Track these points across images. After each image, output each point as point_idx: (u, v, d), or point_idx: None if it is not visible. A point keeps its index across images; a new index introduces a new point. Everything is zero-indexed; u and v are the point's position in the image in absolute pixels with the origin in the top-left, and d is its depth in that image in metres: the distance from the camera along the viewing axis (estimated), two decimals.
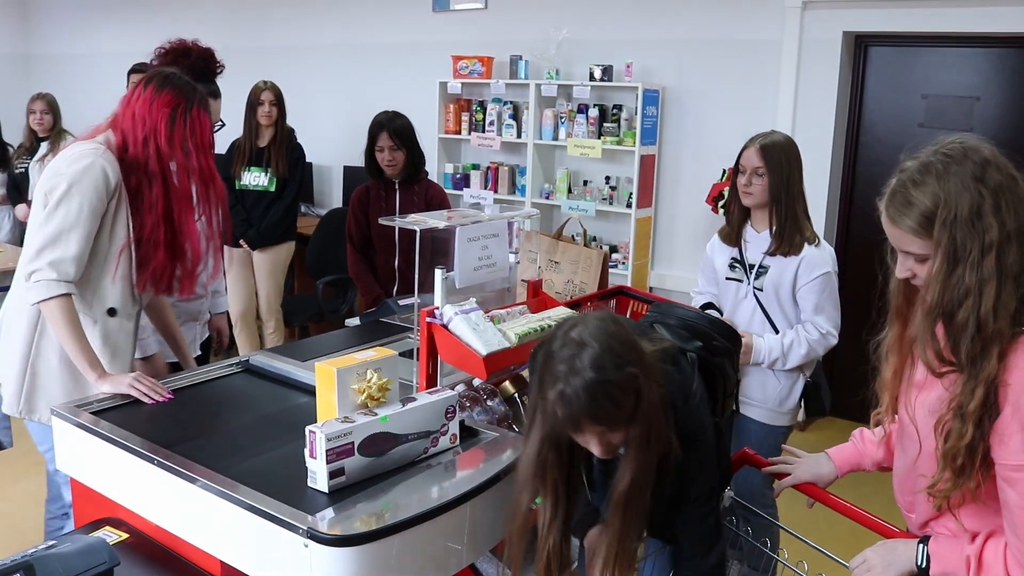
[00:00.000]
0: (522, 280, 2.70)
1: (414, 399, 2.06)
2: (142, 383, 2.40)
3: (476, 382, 2.42)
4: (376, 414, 1.98)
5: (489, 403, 2.37)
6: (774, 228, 2.90)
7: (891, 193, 1.58)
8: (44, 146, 5.97)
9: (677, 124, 5.32)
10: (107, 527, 2.14)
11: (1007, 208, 1.47)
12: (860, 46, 4.90)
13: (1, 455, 2.69)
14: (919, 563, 1.62)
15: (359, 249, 3.99)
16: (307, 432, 1.89)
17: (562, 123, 5.54)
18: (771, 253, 2.91)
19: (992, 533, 1.56)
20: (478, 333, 2.23)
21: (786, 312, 2.95)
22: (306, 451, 1.91)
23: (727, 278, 3.04)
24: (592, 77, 5.38)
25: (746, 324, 2.99)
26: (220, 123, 3.13)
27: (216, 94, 3.14)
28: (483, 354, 2.19)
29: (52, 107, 6.01)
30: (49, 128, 6.00)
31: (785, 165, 2.86)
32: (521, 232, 3.12)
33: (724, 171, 5.11)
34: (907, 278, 1.61)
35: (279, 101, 5.07)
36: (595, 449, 1.70)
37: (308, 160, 6.20)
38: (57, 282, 2.38)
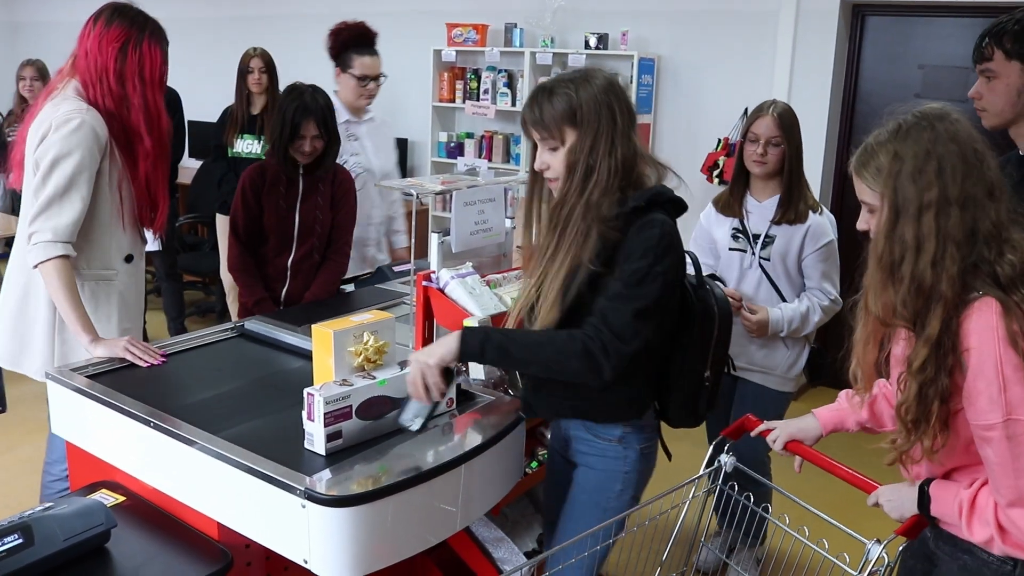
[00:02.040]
0: (517, 246, 2.69)
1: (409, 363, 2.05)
2: (135, 346, 2.40)
3: None
4: (374, 377, 1.98)
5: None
6: (782, 196, 2.88)
7: (861, 146, 1.67)
8: None
9: (672, 93, 5.30)
10: (103, 490, 2.15)
11: (952, 175, 1.53)
12: (857, 15, 4.87)
13: None
14: (920, 503, 1.68)
15: (245, 242, 3.29)
16: (305, 394, 1.89)
17: None
18: (777, 222, 2.89)
19: (987, 481, 1.59)
20: (474, 297, 2.22)
21: (792, 280, 2.95)
22: (303, 413, 1.91)
23: (730, 249, 3.00)
24: (587, 45, 5.34)
25: (752, 294, 2.98)
26: (383, 76, 3.72)
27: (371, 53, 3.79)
28: (480, 318, 2.19)
29: (42, 73, 5.95)
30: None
31: (797, 133, 2.86)
32: (516, 199, 3.11)
33: (719, 140, 5.10)
34: (866, 231, 1.67)
35: (269, 68, 5.02)
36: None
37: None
38: (54, 243, 2.38)
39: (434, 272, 2.30)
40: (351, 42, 3.78)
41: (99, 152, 2.46)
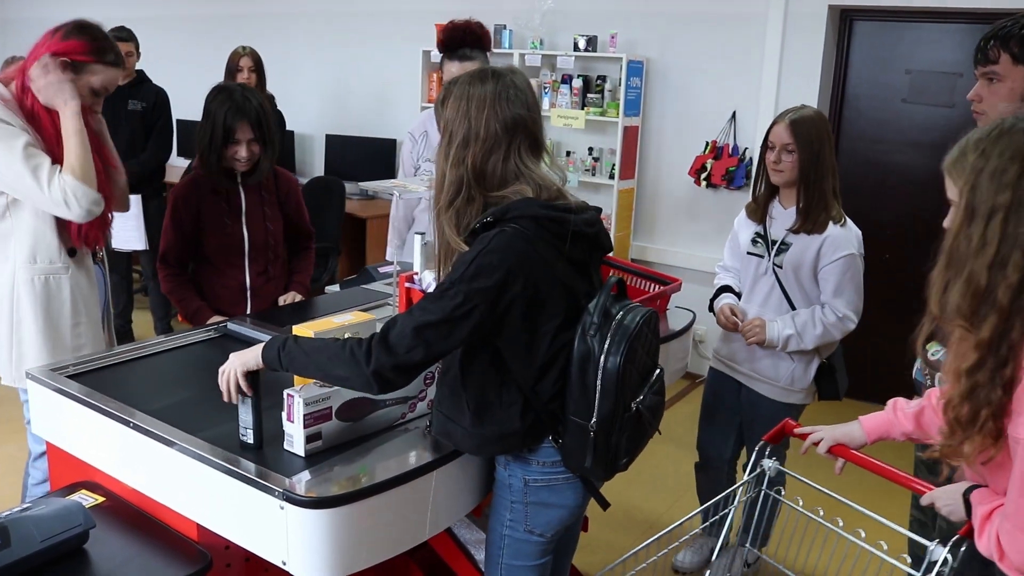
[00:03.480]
0: None
1: None
2: None
3: None
4: None
5: None
6: (800, 205, 2.82)
7: (958, 143, 1.63)
8: None
9: (661, 96, 5.31)
10: (83, 490, 2.14)
11: None
12: (845, 20, 4.89)
13: None
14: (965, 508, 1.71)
15: (176, 266, 3.01)
16: (285, 396, 1.89)
17: (546, 93, 5.51)
18: (795, 231, 2.84)
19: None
20: None
21: (806, 291, 2.89)
22: (283, 414, 1.90)
23: (748, 252, 2.99)
24: (576, 47, 5.34)
25: (763, 300, 2.96)
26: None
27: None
28: None
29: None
30: None
31: (816, 141, 2.77)
32: None
33: (707, 143, 5.11)
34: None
35: (258, 67, 5.01)
36: None
37: (289, 128, 6.16)
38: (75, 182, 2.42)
39: (417, 273, 2.30)
40: (445, 44, 3.50)
41: (19, 126, 2.44)
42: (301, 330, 2.00)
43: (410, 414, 2.11)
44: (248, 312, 3.00)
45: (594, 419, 1.84)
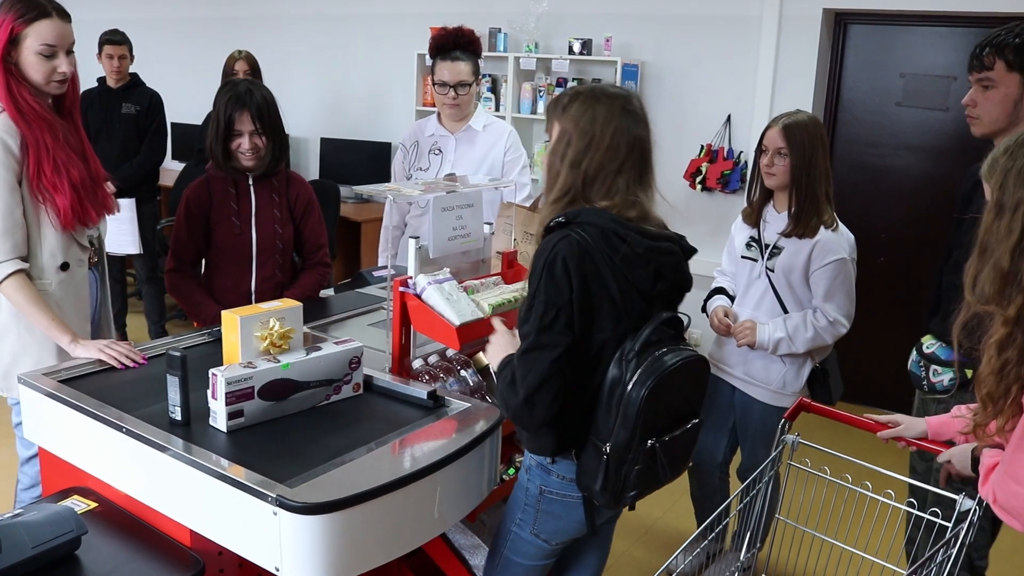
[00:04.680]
0: (496, 252, 2.69)
1: (319, 348, 2.18)
2: (113, 348, 2.38)
3: (450, 352, 2.41)
4: (279, 361, 2.10)
5: (463, 373, 2.36)
6: (792, 209, 2.83)
7: (991, 152, 1.73)
8: None
9: (656, 99, 5.31)
10: (75, 496, 2.13)
11: None
12: (840, 23, 4.90)
13: None
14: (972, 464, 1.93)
15: (189, 265, 2.99)
16: (210, 375, 2.01)
17: (541, 97, 5.51)
18: (786, 235, 2.84)
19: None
20: (451, 303, 2.22)
21: (798, 295, 2.89)
22: (208, 392, 2.02)
23: (743, 256, 3.00)
24: (571, 51, 5.35)
25: (755, 304, 2.97)
26: (465, 84, 3.41)
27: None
28: (456, 324, 2.18)
29: None
30: None
31: (808, 146, 2.77)
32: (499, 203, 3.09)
33: (702, 147, 5.12)
34: None
35: (254, 71, 4.99)
36: None
37: (285, 131, 6.15)
38: (1, 263, 2.37)
39: (411, 278, 2.29)
40: (436, 47, 3.53)
41: (16, 162, 2.39)
42: (228, 315, 2.14)
43: (335, 396, 2.20)
44: None
45: (609, 444, 1.84)
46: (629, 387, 1.82)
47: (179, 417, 2.04)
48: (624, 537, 3.48)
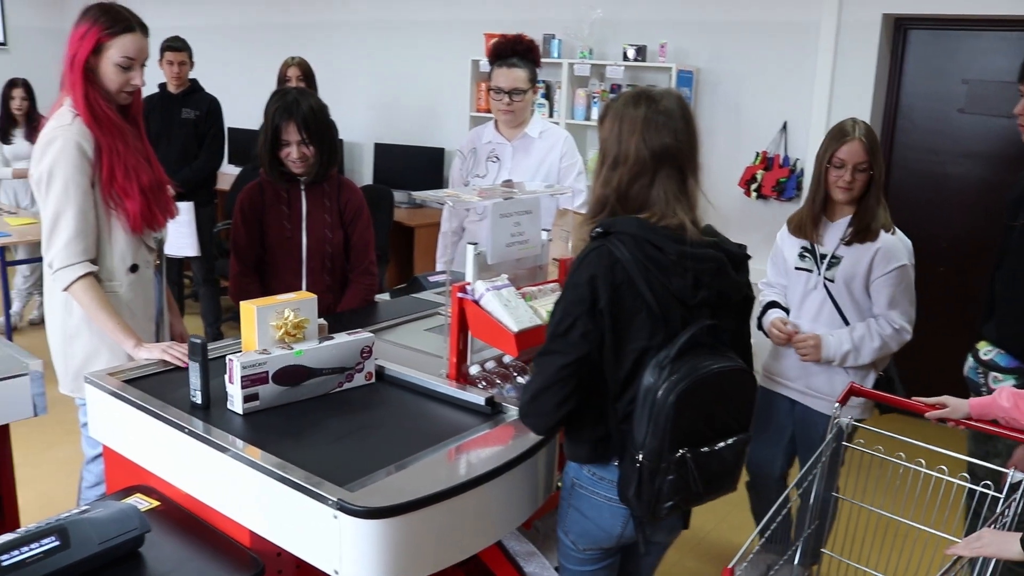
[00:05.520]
0: (553, 259, 2.68)
1: (331, 338, 2.29)
2: (176, 348, 2.43)
3: (506, 359, 2.41)
4: (292, 348, 2.20)
5: (519, 380, 2.36)
6: (855, 215, 2.78)
7: None
8: None
9: (711, 106, 5.27)
10: (138, 494, 2.16)
11: None
12: (900, 29, 4.82)
13: (34, 423, 2.71)
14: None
15: (250, 267, 3.05)
16: (227, 360, 2.12)
17: (595, 103, 5.50)
18: (847, 242, 2.79)
19: None
20: (509, 310, 2.22)
21: (858, 304, 2.83)
22: (226, 377, 2.13)
23: (796, 268, 2.92)
24: (626, 57, 5.33)
25: (814, 316, 2.90)
26: (520, 90, 3.42)
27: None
28: (514, 331, 2.18)
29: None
30: None
31: (880, 155, 2.75)
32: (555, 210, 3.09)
33: (758, 154, 5.06)
34: None
35: (307, 76, 5.05)
36: None
37: (340, 137, 6.22)
38: (71, 266, 2.44)
39: (469, 283, 2.30)
40: (494, 53, 3.52)
41: (87, 164, 2.46)
42: (245, 305, 2.23)
43: (347, 384, 2.30)
44: None
45: (642, 452, 1.83)
46: (659, 393, 1.80)
47: (199, 401, 2.14)
48: (677, 547, 3.43)
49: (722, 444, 1.89)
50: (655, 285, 1.84)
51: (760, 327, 3.05)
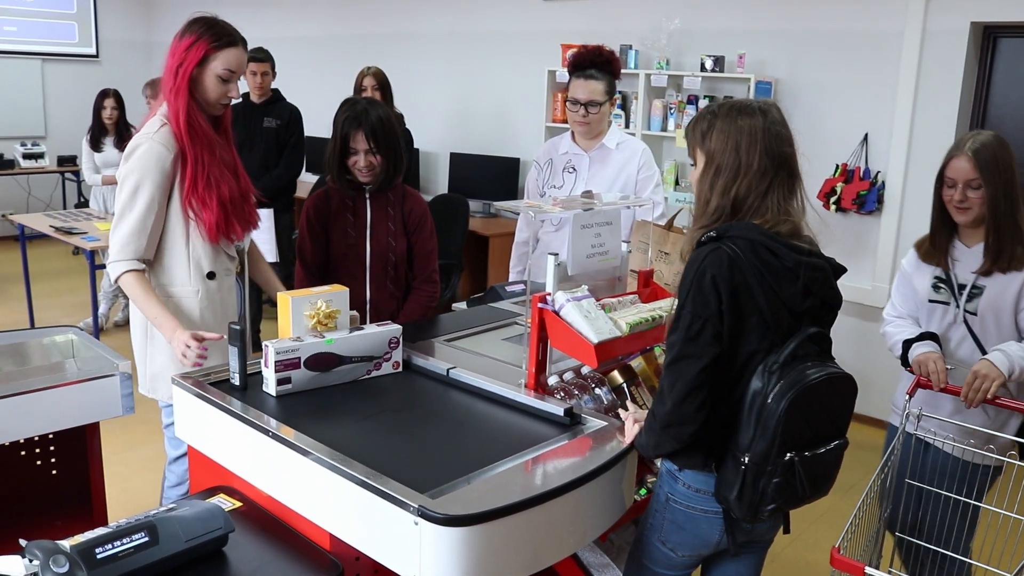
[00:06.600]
0: (632, 271, 2.67)
1: (361, 328, 2.43)
2: (192, 351, 2.50)
3: (585, 370, 2.40)
4: (324, 337, 2.35)
5: (597, 391, 2.35)
6: (990, 241, 2.51)
7: None
8: None
9: (790, 117, 5.14)
10: (221, 495, 2.21)
11: None
12: (988, 37, 4.69)
13: (120, 422, 2.80)
14: None
15: (315, 274, 3.08)
16: (263, 346, 2.27)
17: (671, 114, 5.47)
18: (985, 272, 2.53)
19: None
20: (589, 321, 2.21)
21: (1005, 337, 2.54)
22: (262, 362, 2.29)
23: (931, 300, 2.66)
24: (703, 68, 5.29)
25: (953, 351, 2.64)
26: (596, 103, 3.39)
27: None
28: (594, 342, 2.17)
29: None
30: None
31: (1004, 170, 2.47)
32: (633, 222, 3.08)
33: (837, 166, 4.97)
34: None
35: (383, 86, 5.11)
36: None
37: (416, 146, 6.29)
38: (117, 262, 2.55)
39: (550, 294, 2.30)
40: (572, 63, 3.51)
41: (162, 171, 2.55)
42: (282, 296, 2.37)
43: (375, 372, 2.44)
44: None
45: (748, 455, 1.84)
46: (770, 399, 1.81)
47: (238, 382, 2.32)
48: None
49: (824, 448, 1.91)
50: (767, 291, 1.86)
51: (905, 363, 2.70)
